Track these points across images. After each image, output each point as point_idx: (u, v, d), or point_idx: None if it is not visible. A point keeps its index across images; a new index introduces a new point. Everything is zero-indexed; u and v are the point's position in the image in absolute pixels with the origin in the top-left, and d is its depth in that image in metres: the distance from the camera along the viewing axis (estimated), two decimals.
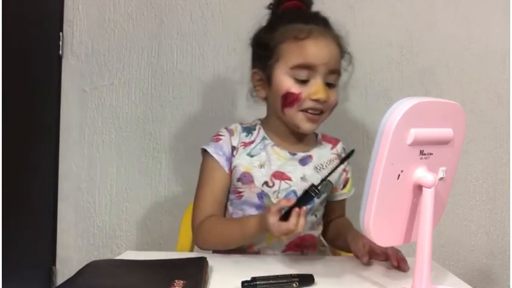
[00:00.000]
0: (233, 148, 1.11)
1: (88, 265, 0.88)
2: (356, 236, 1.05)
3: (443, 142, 0.77)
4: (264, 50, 1.08)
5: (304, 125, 1.06)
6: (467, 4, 1.68)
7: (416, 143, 0.72)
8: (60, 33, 1.70)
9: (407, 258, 0.97)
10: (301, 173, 1.10)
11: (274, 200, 1.08)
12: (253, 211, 1.10)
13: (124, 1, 1.70)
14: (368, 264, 1.00)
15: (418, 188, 0.76)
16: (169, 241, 1.66)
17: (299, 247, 1.13)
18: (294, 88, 1.03)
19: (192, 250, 1.28)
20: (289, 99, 1.04)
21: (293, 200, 0.90)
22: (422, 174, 0.75)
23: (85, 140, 1.72)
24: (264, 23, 1.14)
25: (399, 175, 0.73)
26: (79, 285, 0.78)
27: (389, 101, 1.66)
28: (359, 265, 1.00)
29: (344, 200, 1.23)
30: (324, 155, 1.16)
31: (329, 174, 0.94)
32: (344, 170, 1.19)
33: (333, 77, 1.06)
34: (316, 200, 1.12)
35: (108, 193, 1.72)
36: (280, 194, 1.08)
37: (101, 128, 1.72)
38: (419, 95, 0.86)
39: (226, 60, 1.69)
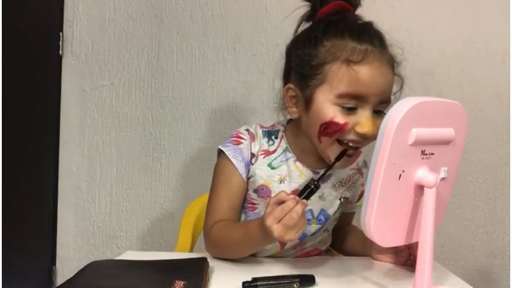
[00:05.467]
0: (252, 155, 1.01)
1: (88, 265, 0.87)
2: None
3: (444, 142, 0.77)
4: (304, 68, 0.92)
5: (339, 163, 0.93)
6: (467, 4, 1.67)
7: (417, 143, 0.72)
8: (60, 33, 1.70)
9: None
10: (320, 191, 0.99)
11: None
12: None
13: (124, 1, 1.70)
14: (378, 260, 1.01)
15: (419, 188, 0.76)
16: (169, 241, 1.66)
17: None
18: (339, 118, 0.88)
19: (191, 250, 1.28)
20: (331, 129, 0.89)
21: (294, 196, 0.84)
22: (423, 174, 0.75)
23: (85, 140, 1.72)
24: (300, 30, 0.99)
25: (400, 175, 0.73)
26: (79, 285, 0.78)
27: None
28: (360, 265, 1.00)
29: (353, 214, 1.20)
30: (343, 171, 1.05)
31: (326, 171, 0.91)
32: (362, 184, 1.12)
33: (383, 105, 0.91)
34: (332, 218, 1.07)
35: (108, 193, 1.72)
36: None
37: (101, 128, 1.71)
38: (419, 95, 0.85)
39: (226, 60, 1.68)
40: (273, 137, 1.04)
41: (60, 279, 1.72)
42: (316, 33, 0.92)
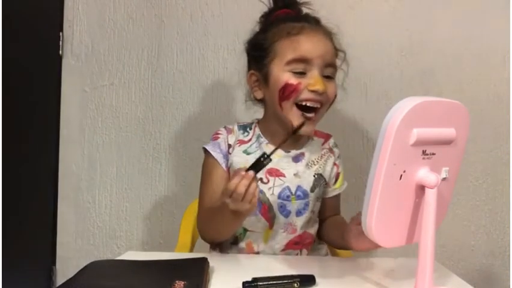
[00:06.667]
0: (229, 146, 1.15)
1: (88, 265, 0.87)
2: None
3: (445, 142, 0.77)
4: (259, 51, 1.10)
5: (304, 128, 1.06)
6: (467, 4, 1.67)
7: (418, 143, 0.72)
8: (60, 33, 1.70)
9: (409, 259, 0.97)
10: (295, 169, 1.13)
11: (269, 196, 1.10)
12: None
13: (124, 1, 1.70)
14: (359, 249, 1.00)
15: (421, 189, 0.75)
16: (169, 241, 1.66)
17: (298, 245, 1.14)
18: (293, 80, 1.04)
19: (192, 250, 1.28)
20: (287, 91, 1.05)
21: (244, 168, 0.93)
22: (424, 174, 0.75)
23: (85, 140, 1.72)
24: (257, 29, 1.17)
25: (401, 175, 0.73)
26: (79, 285, 0.78)
27: (389, 101, 1.68)
28: (360, 266, 1.00)
29: (337, 197, 1.23)
30: (315, 151, 1.18)
31: (279, 146, 0.98)
32: (335, 164, 1.20)
33: (329, 70, 1.08)
34: (312, 195, 1.14)
35: (108, 193, 1.72)
36: (275, 190, 1.11)
37: (101, 128, 1.71)
38: (419, 95, 0.85)
39: (226, 60, 1.68)
40: (247, 129, 1.18)
41: (60, 279, 1.72)
42: (265, 25, 1.14)
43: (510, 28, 1.65)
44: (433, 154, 0.75)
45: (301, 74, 1.05)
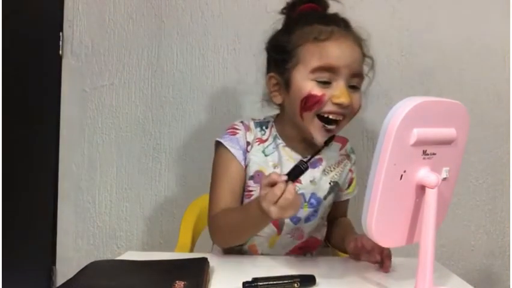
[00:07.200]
0: (248, 143, 1.09)
1: (88, 265, 0.87)
2: (352, 234, 1.06)
3: (446, 142, 0.77)
4: (281, 54, 1.03)
5: (319, 136, 1.02)
6: (467, 4, 1.67)
7: (418, 143, 0.72)
8: (60, 33, 1.70)
9: (409, 259, 0.97)
10: (311, 176, 1.09)
11: None
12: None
13: (124, 1, 1.69)
14: (355, 260, 1.01)
15: (421, 189, 0.75)
16: (169, 241, 1.66)
17: (302, 249, 1.13)
18: (316, 90, 0.97)
19: (192, 250, 1.28)
20: (310, 102, 0.98)
21: (283, 175, 0.87)
22: (425, 174, 0.75)
23: (85, 140, 1.72)
24: (279, 27, 1.10)
25: (402, 175, 0.73)
26: (79, 285, 0.78)
27: (389, 101, 1.68)
28: (360, 266, 1.00)
29: (347, 200, 1.23)
30: (332, 156, 1.14)
31: (314, 154, 0.97)
32: (350, 170, 1.18)
33: (356, 80, 1.01)
34: (325, 202, 1.12)
35: (108, 193, 1.72)
36: None
37: (101, 128, 1.71)
38: (419, 95, 0.85)
39: (226, 60, 1.68)
40: (264, 127, 1.12)
41: (60, 279, 1.72)
42: (288, 25, 1.07)
43: (510, 28, 1.65)
44: (433, 154, 0.75)
45: (326, 83, 0.98)
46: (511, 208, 1.69)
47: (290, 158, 1.08)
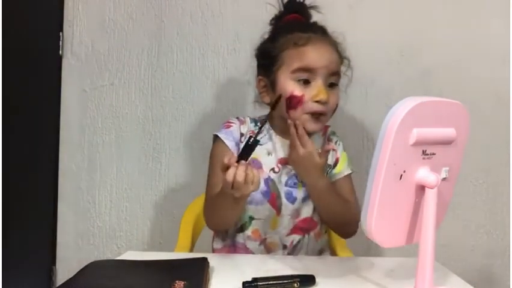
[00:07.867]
0: (241, 135, 1.19)
1: (88, 265, 0.87)
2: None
3: (445, 142, 0.77)
4: (267, 59, 1.15)
5: (310, 125, 1.10)
6: (467, 4, 1.67)
7: (418, 143, 0.72)
8: (60, 33, 1.70)
9: (409, 259, 0.97)
10: None
11: (278, 185, 1.16)
12: (259, 197, 1.15)
13: (124, 1, 1.70)
14: None
15: (421, 189, 0.75)
16: (169, 241, 1.65)
17: (302, 230, 1.18)
18: (297, 91, 1.09)
19: (192, 250, 1.28)
20: (293, 102, 1.09)
21: (234, 157, 0.95)
22: (424, 174, 0.75)
23: (85, 140, 1.72)
24: (266, 36, 1.21)
25: (401, 175, 0.73)
26: (79, 285, 0.78)
27: (389, 101, 1.68)
28: (360, 266, 1.00)
29: (340, 182, 1.21)
30: (316, 141, 1.20)
31: (259, 129, 1.01)
32: (334, 149, 1.23)
33: (334, 78, 1.12)
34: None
35: (108, 193, 1.72)
36: (283, 178, 1.16)
37: (101, 128, 1.71)
38: (419, 95, 0.84)
39: (226, 60, 1.68)
40: (258, 123, 1.22)
41: (60, 279, 1.72)
42: (273, 34, 1.20)
43: (510, 28, 1.65)
44: (433, 154, 0.75)
45: (306, 82, 1.09)
46: (511, 208, 1.69)
47: (284, 144, 1.17)
